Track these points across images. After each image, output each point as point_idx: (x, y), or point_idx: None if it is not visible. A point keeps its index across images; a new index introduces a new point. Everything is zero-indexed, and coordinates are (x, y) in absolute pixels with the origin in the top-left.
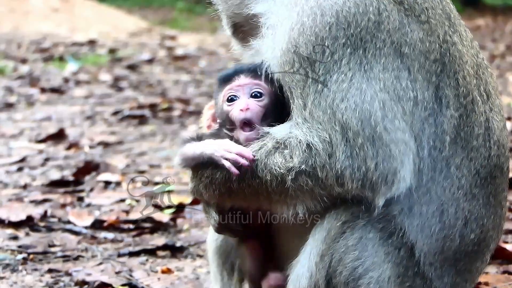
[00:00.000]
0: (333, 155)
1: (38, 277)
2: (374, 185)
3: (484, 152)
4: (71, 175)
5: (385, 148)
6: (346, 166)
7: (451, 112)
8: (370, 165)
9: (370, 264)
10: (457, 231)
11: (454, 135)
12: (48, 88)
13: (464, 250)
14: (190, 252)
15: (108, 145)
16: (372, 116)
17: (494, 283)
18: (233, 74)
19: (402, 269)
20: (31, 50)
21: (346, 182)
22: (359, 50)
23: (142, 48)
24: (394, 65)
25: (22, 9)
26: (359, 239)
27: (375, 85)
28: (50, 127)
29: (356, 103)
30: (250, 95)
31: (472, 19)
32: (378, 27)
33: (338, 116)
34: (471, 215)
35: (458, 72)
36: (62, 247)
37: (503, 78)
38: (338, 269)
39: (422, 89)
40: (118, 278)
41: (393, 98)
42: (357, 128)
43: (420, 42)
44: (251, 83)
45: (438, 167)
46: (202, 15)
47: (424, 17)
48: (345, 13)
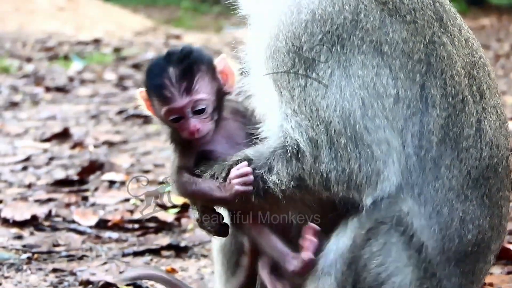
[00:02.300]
0: (319, 158)
1: (42, 276)
2: (359, 186)
3: (475, 153)
4: (75, 175)
5: (367, 149)
6: (331, 169)
7: (437, 111)
8: (354, 167)
9: (394, 269)
10: (454, 231)
11: (441, 135)
12: (53, 87)
13: (463, 250)
14: (194, 252)
15: (112, 145)
16: (351, 115)
17: (499, 284)
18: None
19: (422, 271)
20: (36, 49)
21: (332, 186)
22: (337, 47)
23: (147, 47)
24: (373, 62)
25: (28, 8)
26: (383, 245)
27: (354, 82)
28: (54, 126)
29: (337, 100)
30: (193, 113)
31: (477, 19)
32: (356, 26)
33: (321, 114)
34: (466, 215)
35: (446, 72)
36: (67, 247)
37: (507, 78)
38: (363, 275)
39: (405, 87)
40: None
41: (372, 95)
42: (339, 127)
43: (402, 42)
44: (191, 102)
45: (427, 167)
46: (207, 14)
47: (410, 18)
48: (321, 11)
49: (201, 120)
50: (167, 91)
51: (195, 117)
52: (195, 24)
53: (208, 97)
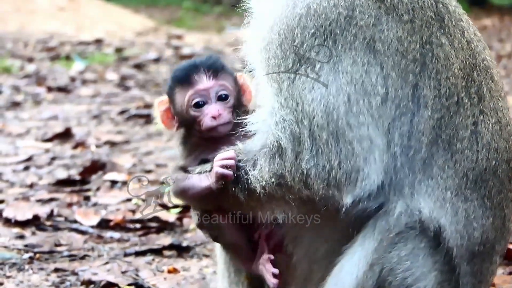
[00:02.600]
0: (300, 154)
1: (44, 276)
2: (339, 183)
3: (471, 155)
4: (77, 174)
5: (348, 146)
6: (311, 166)
7: (428, 112)
8: (334, 163)
9: (420, 274)
10: (463, 227)
11: (432, 136)
12: (55, 87)
13: (472, 249)
14: (196, 252)
15: (114, 145)
16: (335, 110)
17: (501, 284)
18: (192, 73)
19: (444, 275)
20: (38, 49)
21: (312, 183)
22: (329, 42)
23: (148, 47)
24: (364, 59)
25: (29, 8)
26: (411, 250)
27: (342, 78)
28: (56, 126)
29: (322, 94)
30: (217, 98)
31: (479, 19)
32: (350, 22)
33: (306, 108)
34: (469, 214)
35: (441, 73)
36: (69, 247)
37: (509, 78)
38: (388, 279)
39: (395, 86)
40: (124, 278)
41: (359, 92)
42: (321, 122)
43: (397, 41)
44: (216, 84)
45: (416, 167)
46: (209, 14)
47: (408, 17)
48: (316, 5)
49: (225, 108)
50: (195, 75)
51: (218, 103)
52: (197, 24)
53: (232, 90)
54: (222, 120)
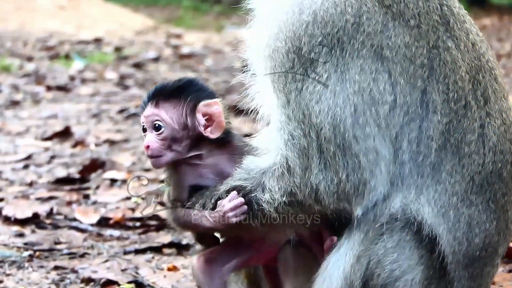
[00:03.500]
0: (308, 169)
1: (44, 274)
2: (348, 196)
3: (478, 159)
4: (77, 173)
5: (354, 159)
6: (320, 180)
7: (438, 117)
8: (341, 176)
9: (407, 267)
10: (463, 234)
11: (442, 141)
12: (54, 86)
13: (472, 255)
14: (196, 249)
15: (114, 143)
16: (342, 122)
17: (501, 282)
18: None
19: (431, 271)
20: (37, 48)
21: (323, 197)
22: (336, 51)
23: (148, 47)
24: (372, 67)
25: (29, 7)
26: (398, 242)
27: (349, 88)
28: (56, 125)
29: (329, 106)
30: (153, 128)
31: (478, 19)
32: (357, 29)
33: (313, 120)
34: (472, 220)
35: (449, 77)
36: (68, 245)
37: (509, 78)
38: (376, 272)
39: (404, 93)
40: (124, 276)
41: (366, 102)
42: (329, 135)
43: (405, 47)
44: (152, 114)
45: (425, 173)
46: (208, 14)
47: (414, 22)
48: (323, 12)
49: (157, 140)
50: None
51: (152, 134)
52: (196, 23)
53: (169, 121)
54: (150, 153)
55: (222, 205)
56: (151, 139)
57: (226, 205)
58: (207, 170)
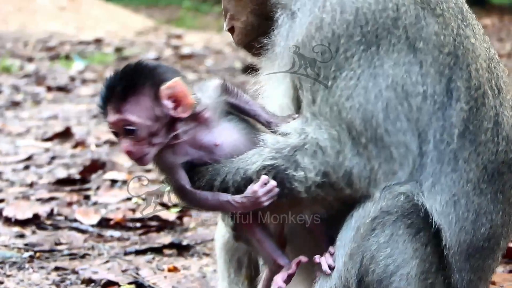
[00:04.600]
0: (341, 153)
1: (44, 275)
2: (379, 183)
3: (492, 147)
4: (77, 174)
5: (386, 150)
6: (354, 165)
7: (461, 105)
8: (374, 164)
9: (401, 261)
10: (470, 224)
11: (462, 129)
12: (55, 87)
13: (476, 245)
14: (196, 250)
15: (114, 144)
16: (374, 117)
17: (501, 282)
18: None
19: (427, 265)
20: (38, 48)
21: (355, 182)
22: (373, 47)
23: (148, 47)
24: (405, 59)
25: (30, 8)
26: (390, 236)
27: (382, 83)
28: (56, 126)
29: (360, 103)
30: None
31: (479, 19)
32: (395, 23)
33: (343, 115)
34: (480, 209)
35: (471, 65)
36: (69, 245)
37: (509, 78)
38: (371, 267)
39: (434, 82)
40: (125, 276)
41: (399, 96)
42: (360, 128)
43: (435, 36)
44: (120, 119)
45: (446, 160)
46: (209, 14)
47: (439, 10)
48: (365, 9)
49: (134, 143)
50: (105, 105)
51: (127, 138)
52: (196, 24)
53: (139, 121)
54: (133, 157)
55: (254, 190)
56: (127, 145)
57: (259, 191)
58: (187, 145)
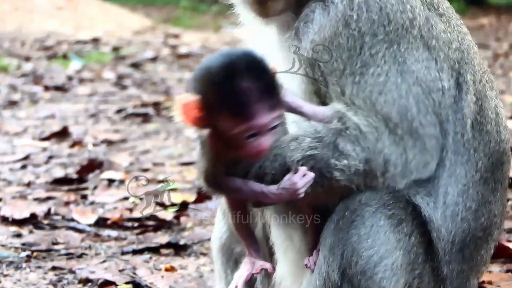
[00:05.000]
0: (380, 140)
1: (41, 274)
2: (410, 174)
3: (496, 137)
4: (74, 173)
5: (421, 141)
6: (392, 152)
7: (470, 96)
8: (409, 154)
9: (385, 251)
10: (472, 212)
11: (473, 119)
12: (52, 86)
13: (473, 234)
14: (193, 250)
15: (111, 143)
16: (408, 112)
17: (498, 281)
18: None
19: (413, 256)
20: (35, 48)
21: (389, 170)
22: (395, 45)
23: (146, 46)
24: (423, 56)
25: (27, 7)
26: (370, 227)
27: (409, 79)
28: (53, 125)
29: (394, 97)
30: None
31: (476, 18)
32: (412, 23)
33: (378, 108)
34: (483, 198)
35: (473, 59)
36: (66, 245)
37: (506, 77)
38: (353, 259)
39: (448, 77)
40: (122, 276)
41: (425, 91)
42: (396, 121)
43: (443, 33)
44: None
45: (461, 151)
46: (206, 13)
47: (441, 10)
48: (388, 10)
49: (272, 137)
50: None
51: (270, 134)
52: (194, 23)
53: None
54: (265, 152)
55: (293, 182)
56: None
57: (299, 182)
58: None
